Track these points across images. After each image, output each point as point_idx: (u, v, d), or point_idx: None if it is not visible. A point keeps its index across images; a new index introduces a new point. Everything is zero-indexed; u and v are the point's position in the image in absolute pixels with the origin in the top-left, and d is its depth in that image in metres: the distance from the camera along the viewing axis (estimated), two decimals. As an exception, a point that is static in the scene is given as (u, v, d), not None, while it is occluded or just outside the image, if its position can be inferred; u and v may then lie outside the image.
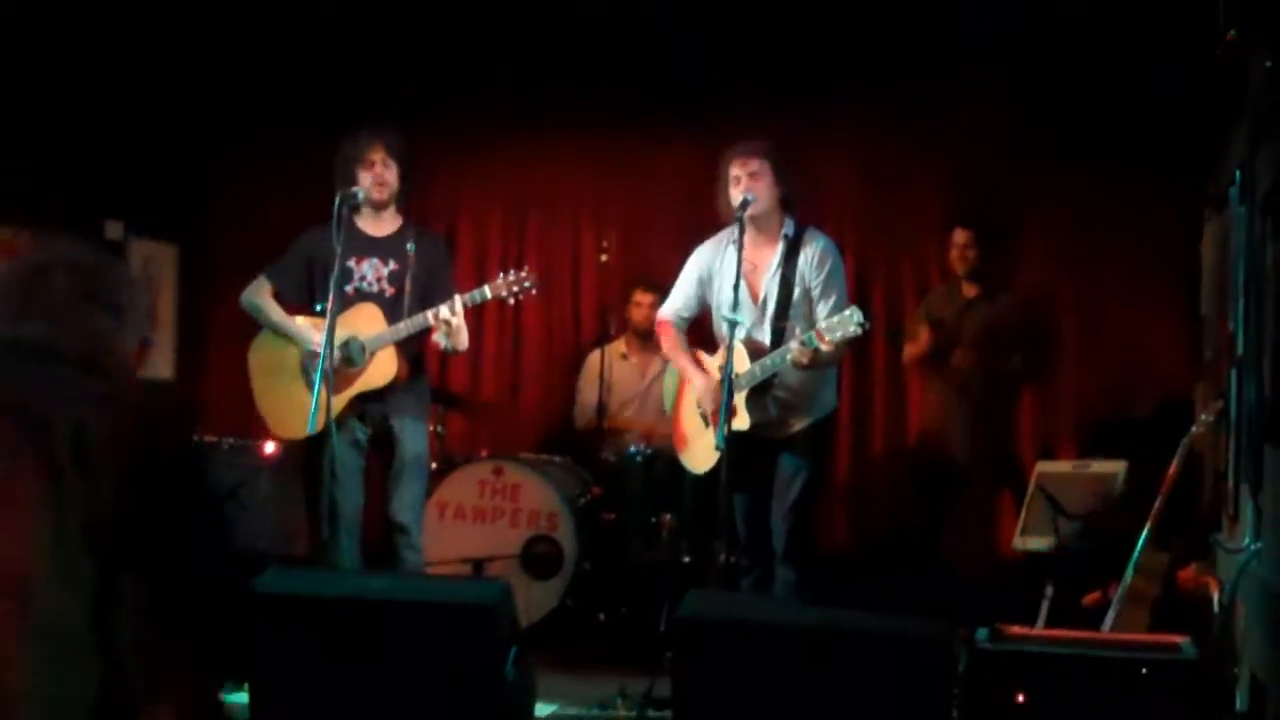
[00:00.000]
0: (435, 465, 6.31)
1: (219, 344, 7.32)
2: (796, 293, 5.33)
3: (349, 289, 5.47)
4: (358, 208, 5.51)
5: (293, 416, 5.35)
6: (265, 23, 6.85)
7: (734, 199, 5.28)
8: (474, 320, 5.67)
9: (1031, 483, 6.15)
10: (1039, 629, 5.21)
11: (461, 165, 7.64)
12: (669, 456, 6.19)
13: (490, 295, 5.46)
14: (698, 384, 5.46)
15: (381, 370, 5.44)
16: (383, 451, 5.58)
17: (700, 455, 5.45)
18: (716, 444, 4.99)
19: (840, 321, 4.98)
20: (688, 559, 6.45)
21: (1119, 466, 6.01)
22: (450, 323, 5.34)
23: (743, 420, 5.21)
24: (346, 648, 4.00)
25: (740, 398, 5.20)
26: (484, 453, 6.84)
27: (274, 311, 5.64)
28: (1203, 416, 5.30)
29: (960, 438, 6.79)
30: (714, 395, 5.31)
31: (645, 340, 7.13)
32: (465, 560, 6.36)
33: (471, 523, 6.53)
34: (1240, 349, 4.45)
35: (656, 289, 6.96)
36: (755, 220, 5.33)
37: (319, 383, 5.07)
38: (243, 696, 4.07)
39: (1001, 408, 6.90)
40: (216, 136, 7.51)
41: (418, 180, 5.76)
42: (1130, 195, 6.74)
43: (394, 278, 5.53)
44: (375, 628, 4.03)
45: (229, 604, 2.00)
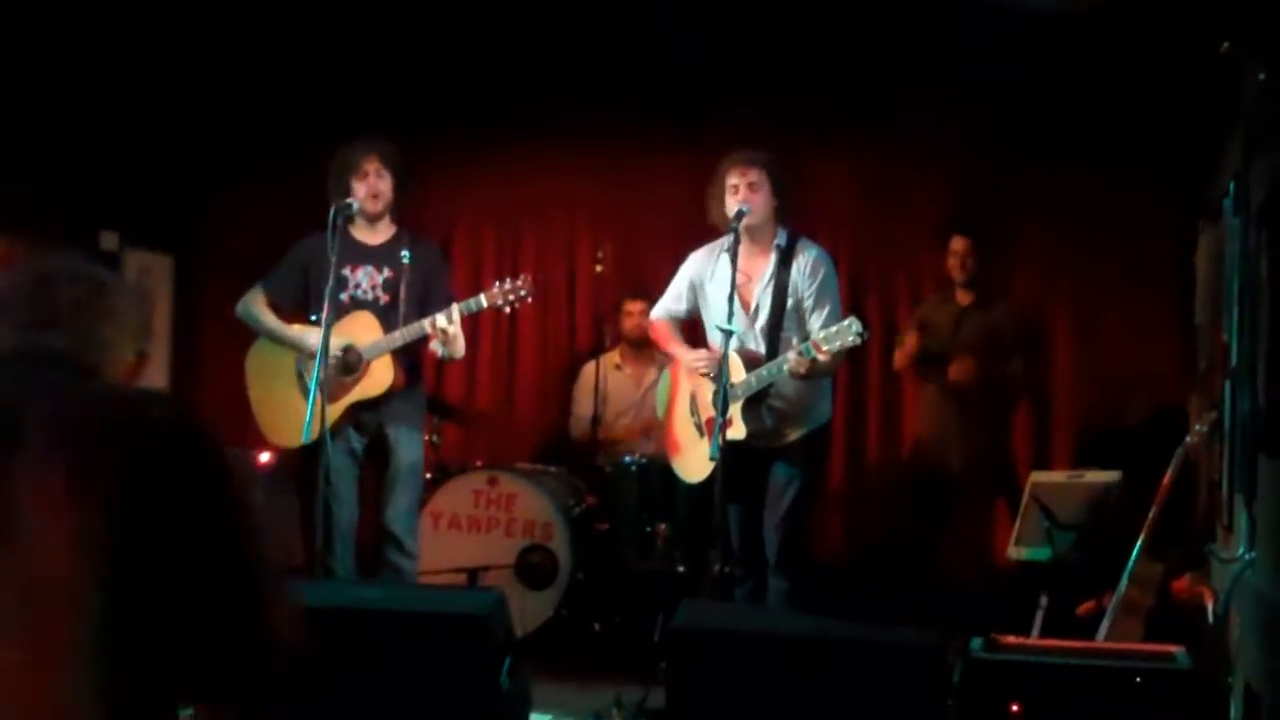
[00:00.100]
0: (430, 475, 6.30)
1: (213, 354, 7.32)
2: (789, 303, 5.34)
3: (344, 297, 5.47)
4: (353, 218, 5.51)
5: (289, 424, 5.35)
6: (261, 32, 6.86)
7: (730, 208, 5.30)
8: (469, 329, 5.67)
9: (1026, 492, 6.15)
10: (1033, 639, 5.21)
11: (457, 174, 7.65)
12: (663, 466, 6.19)
13: (486, 304, 5.47)
14: (688, 356, 5.46)
15: (378, 379, 5.45)
16: (377, 460, 5.59)
17: (693, 463, 5.46)
18: (711, 454, 4.99)
19: (839, 332, 4.99)
20: (682, 569, 6.45)
21: (1113, 476, 6.00)
22: (447, 331, 5.35)
23: (738, 430, 5.21)
24: (340, 657, 3.99)
25: (736, 407, 5.20)
26: (479, 462, 6.83)
27: (269, 319, 5.65)
28: (1197, 427, 5.31)
29: (955, 447, 6.79)
30: (707, 361, 5.31)
31: (639, 350, 7.13)
32: (460, 570, 6.35)
33: (466, 532, 6.53)
34: (1234, 359, 4.45)
35: (645, 297, 6.98)
36: (749, 231, 5.34)
37: (314, 391, 5.07)
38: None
39: (996, 417, 6.90)
40: (212, 147, 7.51)
41: (413, 190, 5.77)
42: (1125, 205, 6.76)
43: (389, 285, 5.54)
44: (369, 637, 4.02)
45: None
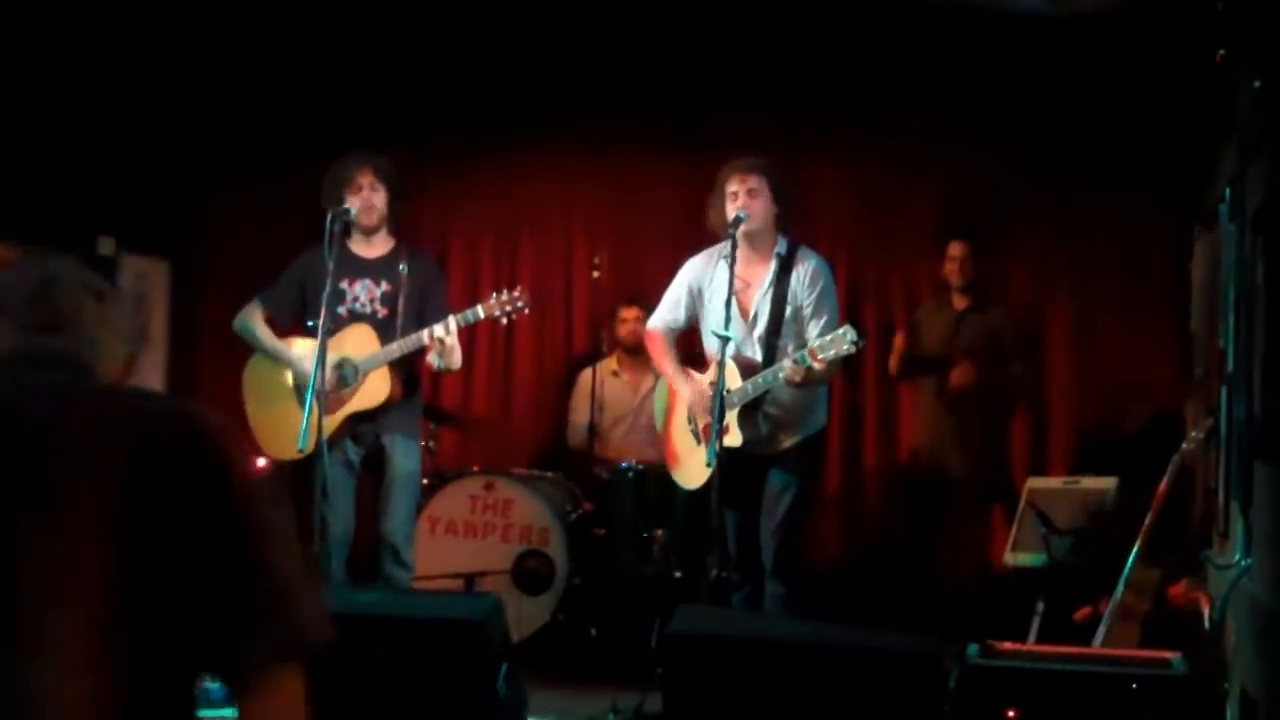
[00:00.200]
0: (427, 480, 6.30)
1: (210, 360, 7.32)
2: (788, 311, 5.34)
3: (342, 310, 5.48)
4: (349, 229, 5.51)
5: (287, 438, 5.32)
6: (260, 36, 6.85)
7: (729, 214, 5.29)
8: (466, 336, 5.67)
9: (1022, 498, 6.16)
10: (1030, 644, 5.22)
11: (455, 179, 7.65)
12: (660, 472, 6.19)
13: (483, 315, 5.47)
14: (685, 392, 5.47)
15: (375, 391, 5.45)
16: (374, 469, 5.59)
17: (692, 471, 5.46)
18: (707, 460, 4.99)
19: (834, 340, 5.00)
20: (679, 574, 6.46)
21: (1110, 482, 6.01)
22: (444, 342, 5.35)
23: (734, 437, 5.21)
24: (337, 663, 3.99)
25: (732, 415, 5.21)
26: (475, 468, 6.83)
27: (267, 336, 5.66)
28: (1193, 433, 5.31)
29: (952, 453, 6.79)
30: (702, 403, 5.32)
31: (635, 356, 7.13)
32: (456, 575, 6.35)
33: (463, 538, 6.52)
34: (1230, 366, 4.46)
35: (641, 303, 6.98)
36: (749, 237, 5.34)
37: (310, 400, 5.07)
38: (231, 711, 4.06)
39: (993, 423, 6.90)
40: (209, 152, 7.50)
41: (408, 200, 5.78)
42: (1121, 211, 6.77)
43: (387, 299, 5.54)
44: (366, 643, 4.02)
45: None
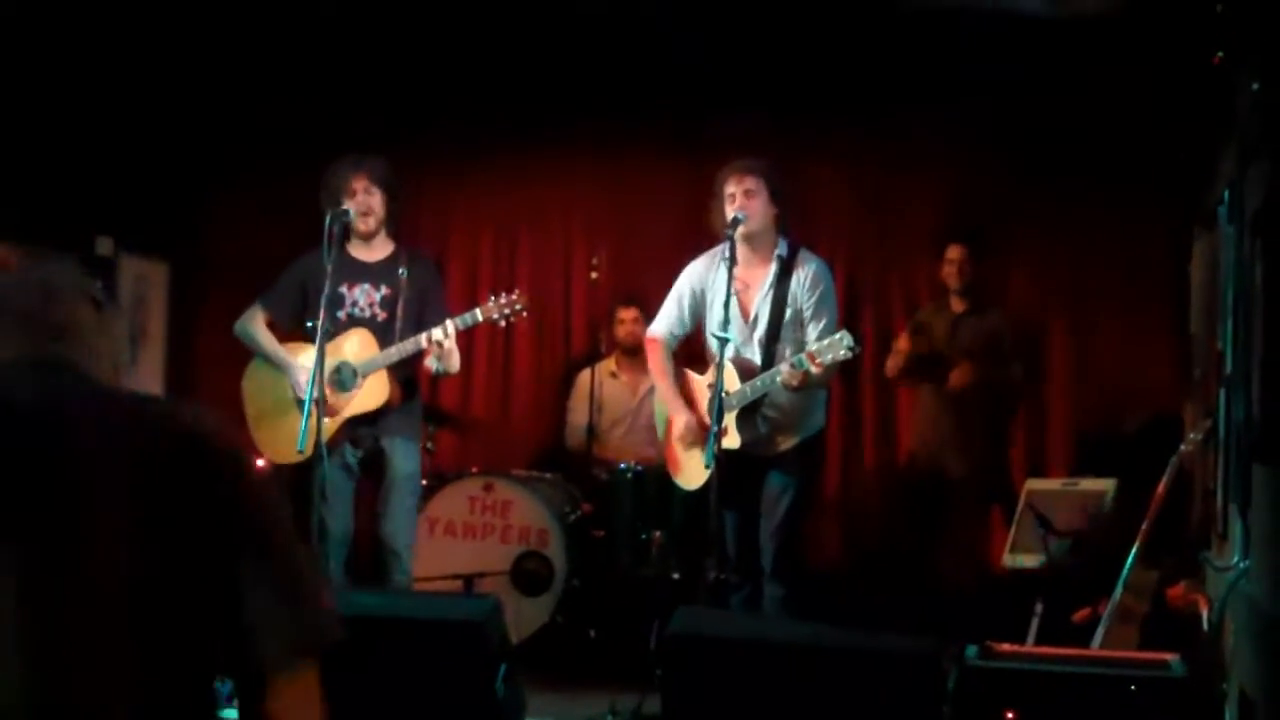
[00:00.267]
0: (426, 481, 6.29)
1: (209, 361, 7.30)
2: (788, 314, 5.34)
3: (341, 315, 5.47)
4: (348, 232, 5.50)
5: (287, 443, 5.30)
6: (259, 36, 6.85)
7: (728, 216, 5.30)
8: (465, 337, 5.67)
9: (1021, 500, 6.16)
10: (1028, 646, 5.22)
11: (454, 179, 7.66)
12: (659, 474, 6.19)
13: (481, 318, 5.46)
14: (680, 421, 5.46)
15: (374, 394, 5.45)
16: (373, 472, 5.59)
17: (691, 472, 5.46)
18: (706, 461, 5.00)
19: (830, 345, 5.01)
20: (677, 576, 6.45)
21: (1108, 484, 6.02)
22: (442, 345, 5.35)
23: (733, 439, 5.22)
24: (336, 664, 3.99)
25: (730, 417, 5.22)
26: (474, 469, 6.82)
27: (267, 341, 5.65)
28: (1191, 435, 5.31)
29: (951, 454, 6.79)
30: (697, 433, 5.33)
31: (634, 357, 7.12)
32: (455, 576, 6.35)
33: (462, 539, 6.52)
34: (1229, 367, 4.46)
35: (637, 304, 6.98)
36: (748, 239, 5.34)
37: (309, 404, 5.07)
38: (232, 713, 4.06)
39: (992, 424, 6.90)
40: (208, 153, 7.50)
41: (405, 202, 5.77)
42: (1120, 214, 6.78)
43: (386, 303, 5.54)
44: (365, 644, 4.02)
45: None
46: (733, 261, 5.23)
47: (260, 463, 6.18)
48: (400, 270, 5.56)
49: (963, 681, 3.80)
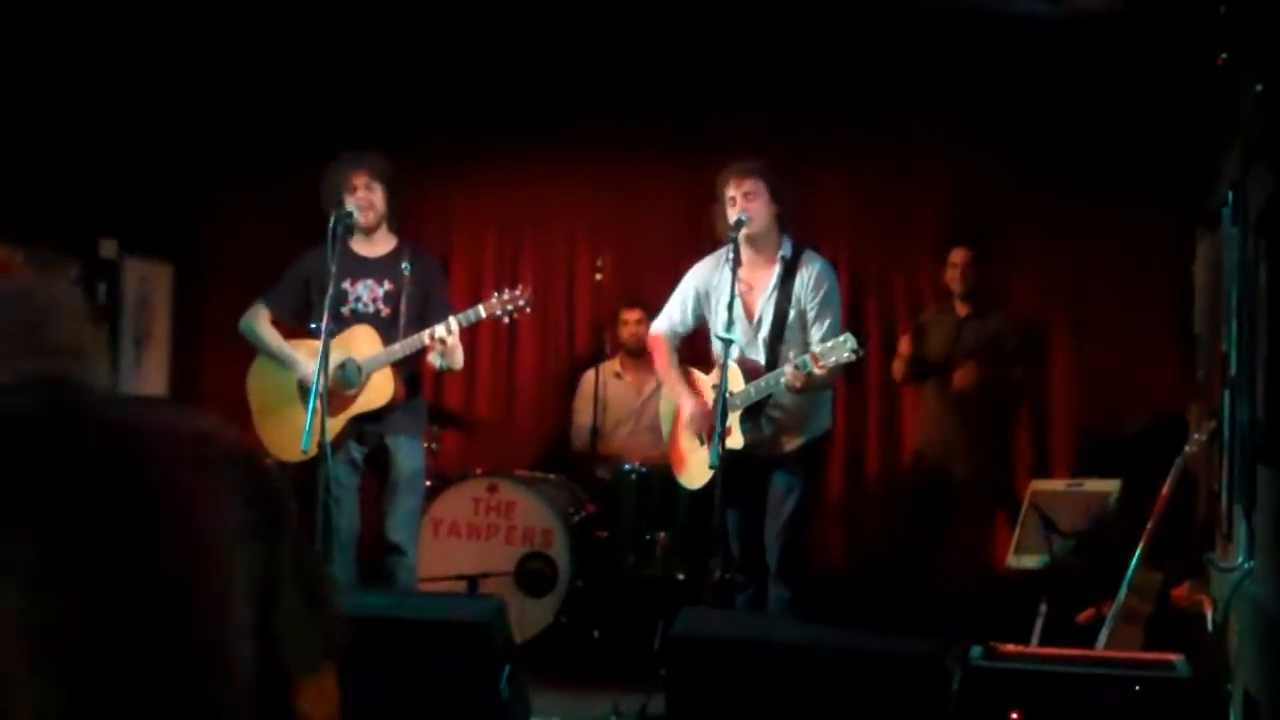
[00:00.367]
0: (430, 482, 6.29)
1: (213, 362, 7.31)
2: (792, 314, 5.35)
3: (345, 311, 5.47)
4: (351, 229, 5.50)
5: (291, 439, 5.28)
6: (261, 36, 6.85)
7: (730, 219, 5.30)
8: (468, 338, 5.68)
9: (1025, 501, 6.16)
10: (1033, 647, 5.22)
11: (456, 181, 7.66)
12: (663, 474, 6.19)
13: (485, 314, 5.46)
14: (688, 408, 5.49)
15: (378, 391, 5.45)
16: (378, 469, 5.59)
17: (696, 472, 5.47)
18: (710, 462, 5.00)
19: (834, 347, 5.01)
20: (682, 576, 6.46)
21: (1112, 485, 6.01)
22: (446, 342, 5.35)
23: (736, 439, 5.23)
24: (340, 665, 3.99)
25: (734, 417, 5.22)
26: (479, 470, 6.83)
27: (271, 338, 5.65)
28: (1196, 436, 5.31)
29: (955, 456, 6.78)
30: (705, 419, 5.34)
31: (637, 358, 7.13)
32: (460, 577, 6.35)
33: (466, 540, 6.53)
34: (1233, 369, 4.46)
35: (642, 305, 6.98)
36: (752, 240, 5.35)
37: (313, 402, 5.07)
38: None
39: (996, 426, 6.90)
40: (211, 155, 7.51)
41: (409, 200, 5.77)
42: (1123, 215, 6.77)
43: (389, 299, 5.54)
44: (369, 645, 4.01)
45: None
46: (737, 263, 5.23)
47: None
48: (403, 265, 5.55)
49: (967, 682, 3.80)
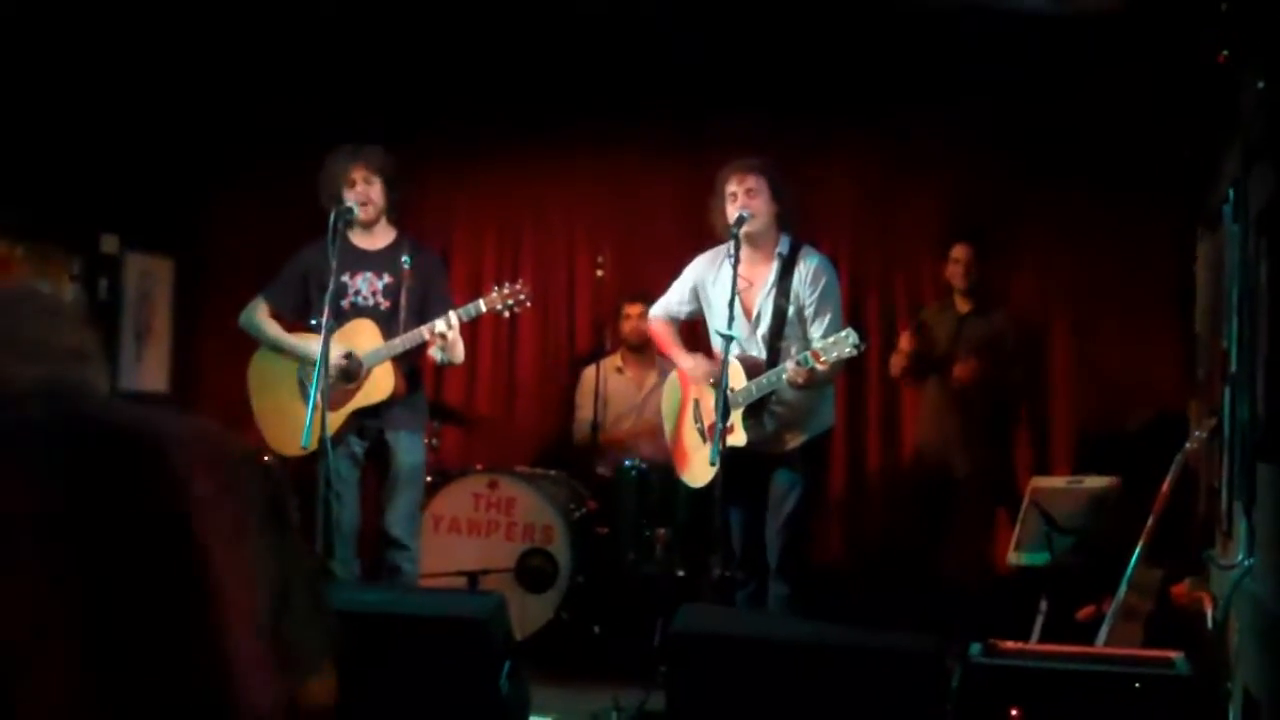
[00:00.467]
0: (430, 478, 6.30)
1: (214, 357, 7.32)
2: (790, 311, 5.35)
3: (344, 304, 5.47)
4: (351, 223, 5.50)
5: (292, 433, 5.31)
6: (261, 33, 6.86)
7: (730, 215, 5.30)
8: (469, 334, 5.68)
9: (1026, 498, 6.16)
10: (1033, 644, 5.22)
11: (457, 178, 7.66)
12: (664, 470, 6.20)
13: (485, 309, 5.47)
14: (687, 364, 5.49)
15: (379, 386, 5.45)
16: (378, 464, 5.59)
17: (698, 469, 5.46)
18: (711, 458, 5.00)
19: (836, 342, 5.01)
20: (682, 573, 6.46)
21: (1113, 482, 6.01)
22: (446, 336, 5.35)
23: (739, 437, 5.22)
24: (341, 660, 3.99)
25: (737, 414, 5.22)
26: (479, 466, 6.83)
27: (273, 329, 5.66)
28: (1196, 433, 5.31)
29: (955, 453, 6.79)
30: (708, 373, 5.33)
31: (639, 353, 7.14)
32: (460, 573, 6.36)
33: (466, 536, 6.53)
34: (1234, 366, 4.46)
35: (644, 300, 6.98)
36: (751, 237, 5.35)
37: (314, 395, 5.08)
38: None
39: (996, 423, 6.90)
40: (212, 150, 7.51)
41: (409, 192, 5.77)
42: (1124, 213, 6.76)
43: (389, 291, 5.54)
44: (370, 641, 4.03)
45: None
46: (736, 260, 5.23)
47: (266, 459, 6.19)
48: (403, 258, 5.55)
49: (967, 679, 3.80)
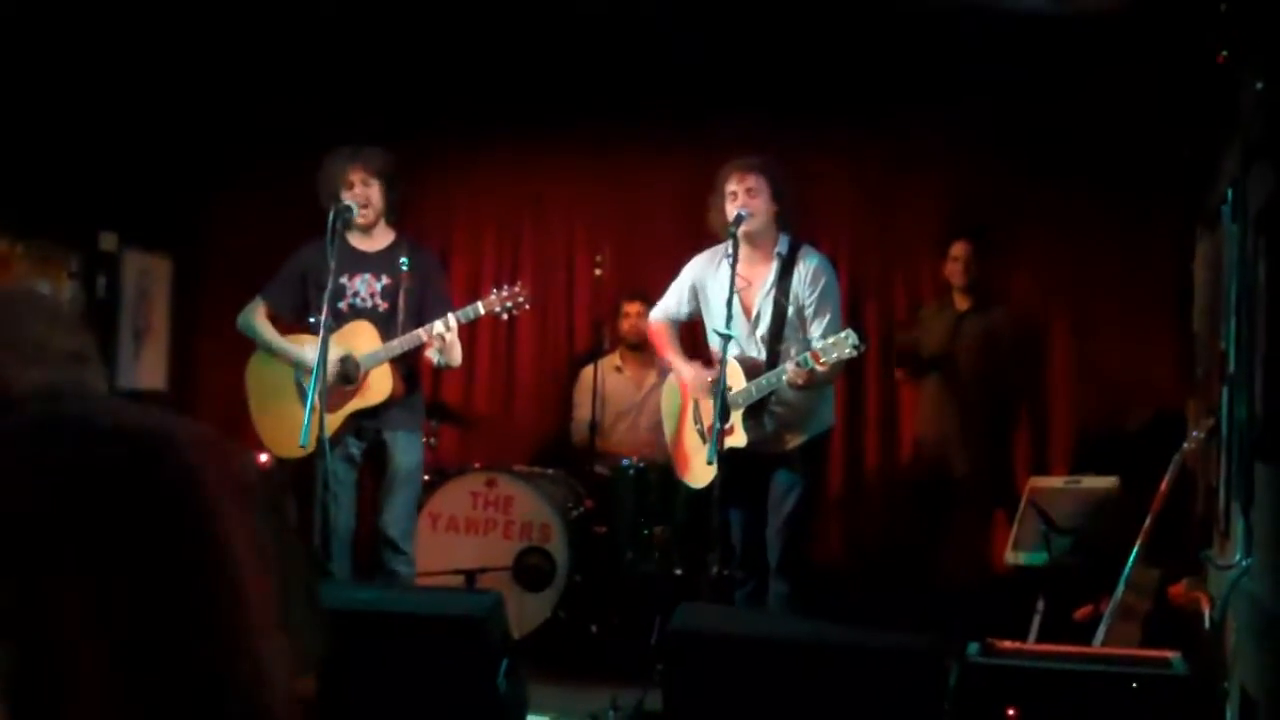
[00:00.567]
0: (428, 476, 6.30)
1: (212, 355, 7.32)
2: (790, 311, 5.34)
3: (343, 305, 5.47)
4: (350, 224, 5.49)
5: (290, 435, 5.30)
6: (261, 32, 6.85)
7: (730, 214, 5.29)
8: (467, 332, 5.67)
9: (1024, 497, 6.16)
10: (1030, 643, 5.22)
11: (456, 176, 7.66)
12: (662, 469, 6.19)
13: (483, 311, 5.46)
14: (687, 374, 5.48)
15: (377, 388, 5.44)
16: (375, 464, 5.59)
17: (698, 470, 5.45)
18: (708, 458, 4.99)
19: (835, 343, 5.00)
20: (680, 572, 6.46)
21: (1111, 482, 6.02)
22: (444, 338, 5.35)
23: (739, 438, 5.22)
24: (337, 659, 3.99)
25: (737, 415, 5.21)
26: (477, 464, 6.83)
27: (269, 333, 5.65)
28: (1194, 433, 5.31)
29: (953, 452, 6.79)
30: (705, 386, 5.32)
31: (638, 352, 7.14)
32: (457, 571, 6.36)
33: (464, 534, 6.53)
34: (1232, 366, 4.46)
35: (643, 299, 6.99)
36: (750, 237, 5.34)
37: (311, 398, 5.07)
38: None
39: (995, 422, 6.90)
40: (212, 148, 7.50)
41: (408, 194, 5.76)
42: (1123, 212, 6.77)
43: (387, 293, 5.53)
44: (367, 639, 4.03)
45: None
46: (734, 259, 5.23)
47: (264, 457, 6.20)
48: (401, 260, 5.55)
49: (964, 678, 3.81)
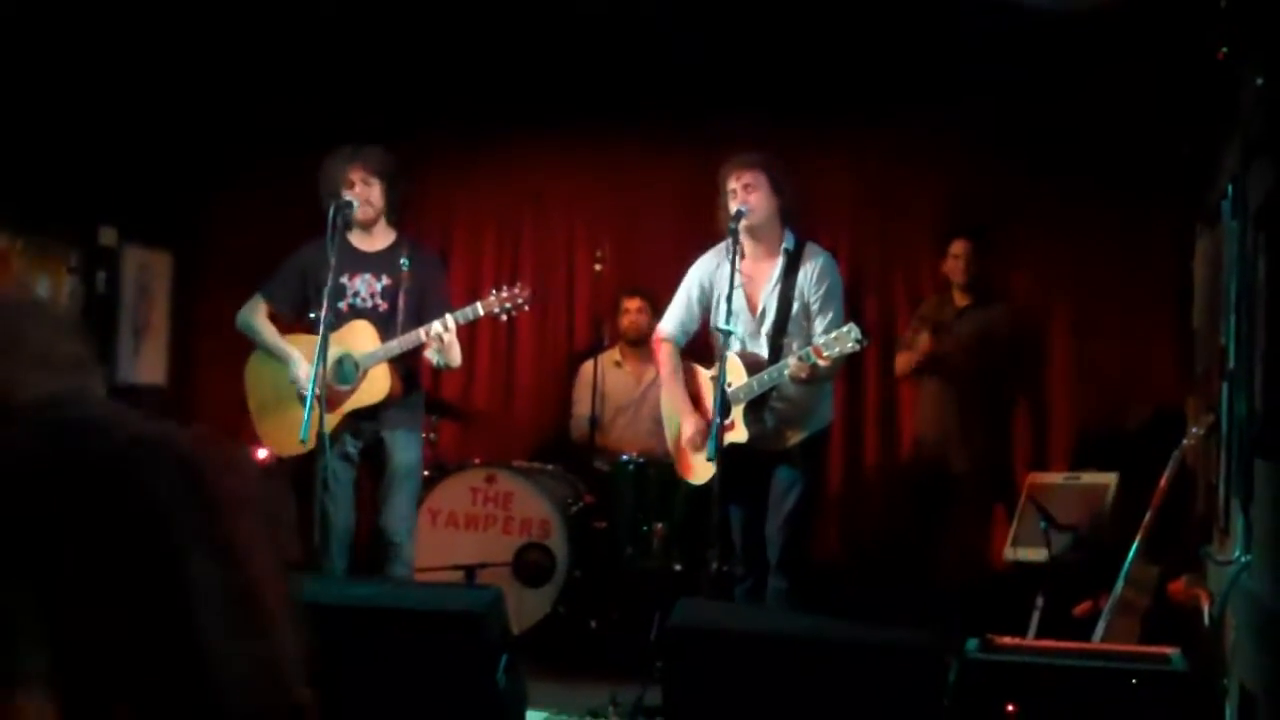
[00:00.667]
0: (428, 472, 6.30)
1: (211, 351, 7.31)
2: (795, 308, 5.34)
3: (343, 305, 5.46)
4: (350, 221, 5.49)
5: (288, 433, 5.31)
6: (261, 32, 6.86)
7: (730, 211, 5.29)
8: (467, 330, 5.67)
9: (1023, 494, 6.17)
10: (1029, 639, 5.22)
11: (457, 174, 7.66)
12: (661, 466, 6.20)
13: (483, 312, 5.45)
14: (689, 426, 5.46)
15: (375, 387, 5.44)
16: (374, 463, 5.58)
17: (702, 470, 5.45)
18: (708, 455, 5.00)
19: (838, 338, 5.01)
20: (679, 567, 6.46)
21: (1110, 478, 6.02)
22: (443, 339, 5.34)
23: (740, 434, 5.22)
24: (337, 655, 3.99)
25: (738, 411, 5.22)
26: (477, 460, 6.83)
27: (268, 332, 5.64)
28: (1194, 429, 5.31)
29: (953, 448, 6.78)
30: (705, 437, 5.28)
31: (638, 347, 7.13)
32: (457, 567, 6.36)
33: (464, 530, 6.53)
34: (1232, 362, 4.46)
35: (643, 294, 6.98)
36: (753, 233, 5.34)
37: (310, 396, 5.07)
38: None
39: (994, 418, 6.90)
40: (212, 145, 7.51)
41: (409, 194, 5.76)
42: (1123, 209, 6.77)
43: (387, 293, 5.53)
44: (366, 635, 4.03)
45: None
46: (737, 255, 5.23)
47: (263, 454, 6.20)
48: (401, 260, 5.55)
49: (963, 674, 3.81)
